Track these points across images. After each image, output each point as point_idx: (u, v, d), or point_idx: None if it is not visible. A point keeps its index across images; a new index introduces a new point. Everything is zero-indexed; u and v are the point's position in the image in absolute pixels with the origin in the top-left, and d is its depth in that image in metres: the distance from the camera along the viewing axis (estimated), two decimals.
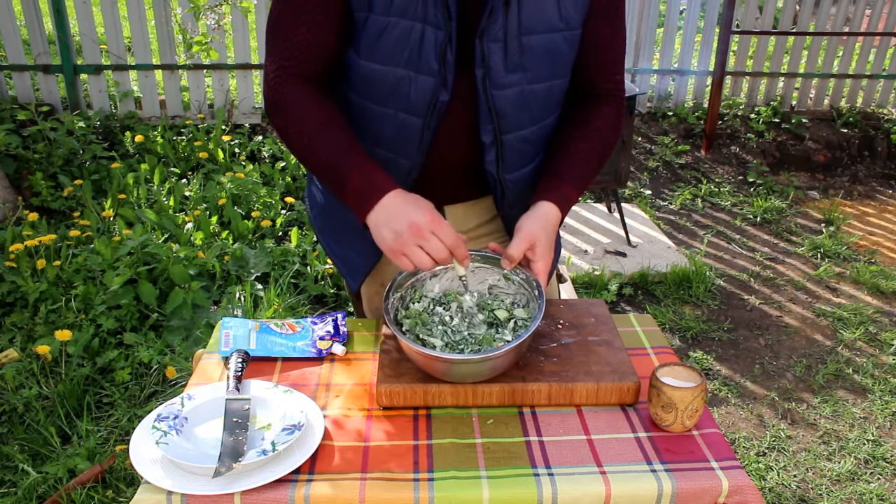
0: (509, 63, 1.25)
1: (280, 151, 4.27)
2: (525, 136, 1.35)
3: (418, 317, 1.32)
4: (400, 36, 1.22)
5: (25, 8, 4.24)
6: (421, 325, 1.31)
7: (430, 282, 1.38)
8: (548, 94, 1.33)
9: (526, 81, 1.28)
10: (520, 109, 1.30)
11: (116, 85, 4.51)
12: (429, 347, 1.24)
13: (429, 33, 1.22)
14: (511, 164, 1.36)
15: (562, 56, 1.30)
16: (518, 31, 1.24)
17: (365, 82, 1.30)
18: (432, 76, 1.24)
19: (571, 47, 1.31)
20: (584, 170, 1.36)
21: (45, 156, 3.85)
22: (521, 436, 1.18)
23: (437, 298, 1.37)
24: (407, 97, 1.27)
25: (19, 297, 2.82)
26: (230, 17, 4.25)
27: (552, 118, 1.39)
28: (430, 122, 1.29)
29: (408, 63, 1.24)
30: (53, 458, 2.24)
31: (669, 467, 1.12)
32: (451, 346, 1.27)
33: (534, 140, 1.37)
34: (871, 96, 5.55)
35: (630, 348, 1.42)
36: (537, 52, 1.26)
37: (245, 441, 1.11)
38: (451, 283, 1.39)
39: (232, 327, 1.41)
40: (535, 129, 1.36)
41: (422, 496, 1.05)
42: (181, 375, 2.55)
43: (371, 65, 1.27)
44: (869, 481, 2.42)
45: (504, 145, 1.33)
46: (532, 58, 1.26)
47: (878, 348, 3.17)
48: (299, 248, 3.35)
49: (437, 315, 1.33)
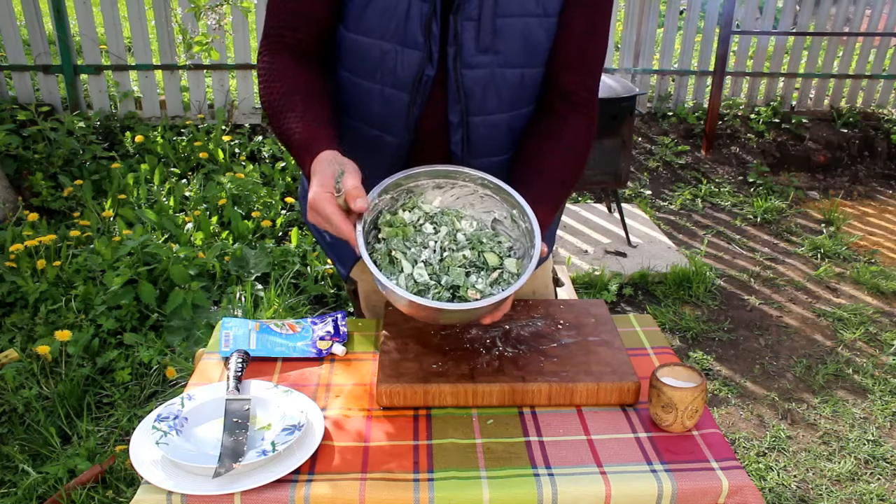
0: (481, 43, 1.23)
1: (280, 152, 4.27)
2: (494, 122, 1.32)
3: (402, 228, 1.23)
4: (386, 8, 1.22)
5: (25, 8, 4.24)
6: (400, 240, 1.22)
7: (431, 192, 1.29)
8: (520, 83, 1.29)
9: (497, 64, 1.25)
10: (489, 92, 1.27)
11: (116, 85, 4.51)
12: (393, 276, 1.18)
13: (414, 5, 1.21)
14: (478, 148, 1.33)
15: (536, 42, 1.27)
16: (493, 12, 1.22)
17: (352, 56, 1.29)
18: (418, 49, 1.23)
19: (547, 35, 1.27)
20: (557, 192, 1.32)
21: (45, 156, 3.85)
22: (521, 436, 1.18)
23: (431, 214, 1.27)
24: (393, 71, 1.26)
25: (19, 297, 2.82)
26: (230, 17, 4.25)
27: (525, 110, 1.35)
28: (417, 98, 1.27)
29: (394, 36, 1.23)
30: (53, 459, 2.24)
31: (669, 467, 1.12)
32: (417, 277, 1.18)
33: (503, 128, 1.34)
34: (871, 96, 5.55)
35: (630, 348, 1.42)
36: (510, 35, 1.24)
37: (245, 441, 1.11)
38: (454, 201, 1.30)
39: (232, 327, 1.41)
40: (506, 118, 1.32)
41: (422, 496, 1.05)
42: (181, 375, 2.55)
43: (358, 37, 1.26)
44: (869, 481, 2.42)
45: (470, 127, 1.30)
46: (505, 40, 1.24)
47: (878, 348, 3.17)
48: (299, 248, 3.35)
49: (422, 234, 1.24)
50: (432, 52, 1.24)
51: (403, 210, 1.26)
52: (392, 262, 1.21)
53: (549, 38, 1.28)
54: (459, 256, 1.22)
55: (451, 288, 1.19)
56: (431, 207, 1.28)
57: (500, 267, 1.22)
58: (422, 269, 1.20)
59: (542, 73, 1.32)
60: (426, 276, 1.20)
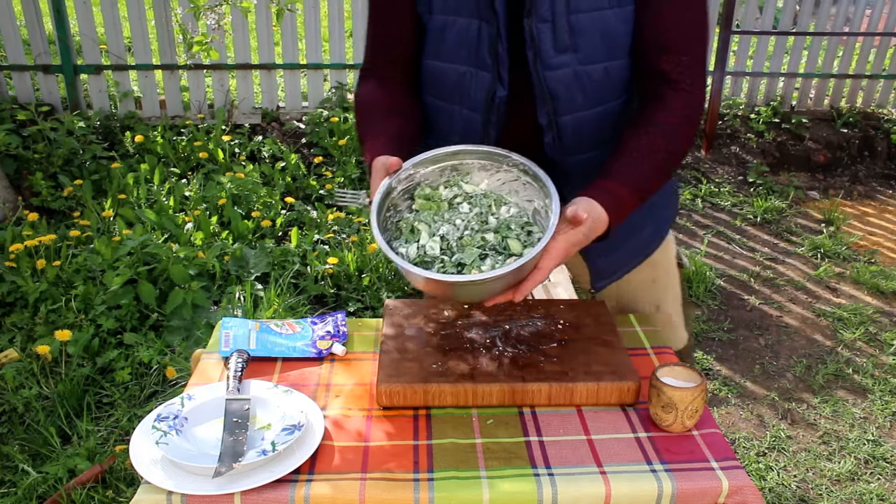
0: (559, 43, 1.22)
1: (280, 151, 4.27)
2: (583, 119, 1.30)
3: (437, 202, 1.25)
4: (459, 33, 1.28)
5: (25, 8, 4.24)
6: (431, 213, 1.24)
7: (477, 173, 1.29)
8: (605, 77, 1.27)
9: (578, 62, 1.24)
10: (574, 91, 1.26)
11: (116, 85, 4.50)
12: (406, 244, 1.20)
13: (483, 29, 1.25)
14: (571, 146, 1.32)
15: (614, 34, 1.24)
16: (566, 10, 1.21)
17: (434, 81, 1.37)
18: (488, 71, 1.27)
19: (625, 24, 1.24)
20: (640, 168, 1.26)
21: (45, 156, 3.85)
22: (521, 436, 1.18)
23: (472, 194, 1.28)
24: (469, 94, 1.31)
25: (19, 297, 2.82)
26: (230, 17, 4.25)
27: (615, 103, 1.32)
28: (490, 118, 1.30)
29: (468, 60, 1.29)
30: (53, 458, 2.23)
31: (669, 467, 1.12)
32: (428, 249, 1.20)
33: (594, 124, 1.31)
34: (871, 96, 5.55)
35: (630, 348, 1.42)
36: (588, 31, 1.23)
37: (245, 441, 1.11)
38: (500, 185, 1.29)
39: (232, 327, 1.41)
40: (596, 113, 1.30)
41: (422, 496, 1.05)
42: (181, 375, 2.54)
43: (436, 63, 1.34)
44: (869, 481, 2.42)
45: (560, 127, 1.29)
46: (583, 37, 1.23)
47: (878, 348, 3.17)
48: (299, 248, 3.35)
49: (456, 212, 1.25)
50: (501, 73, 1.26)
51: (445, 186, 1.27)
52: (413, 231, 1.22)
53: (628, 27, 1.25)
54: (479, 238, 1.21)
55: (459, 265, 1.18)
56: (474, 188, 1.28)
57: (521, 255, 1.19)
58: (435, 243, 1.21)
59: (626, 64, 1.29)
60: (437, 250, 1.20)
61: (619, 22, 1.24)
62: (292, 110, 4.72)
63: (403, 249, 1.20)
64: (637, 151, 1.26)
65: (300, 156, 4.31)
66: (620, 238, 1.33)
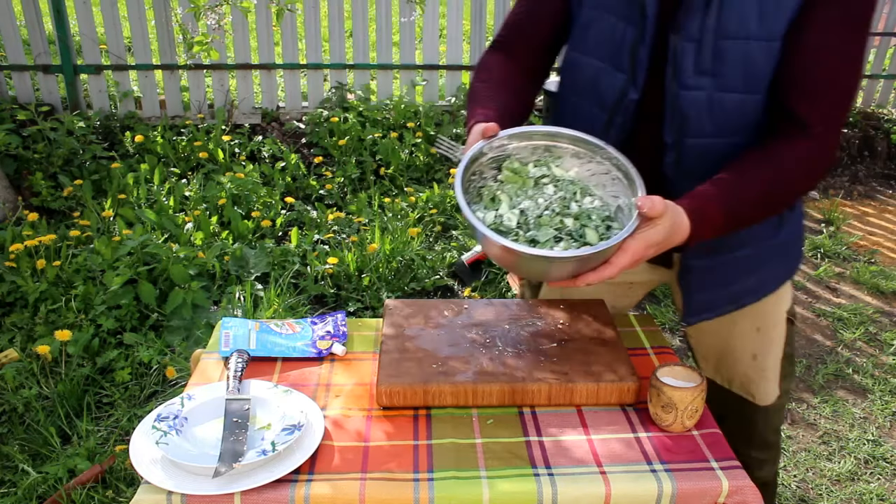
0: (699, 65, 1.21)
1: (280, 151, 4.27)
2: (709, 146, 1.26)
3: (524, 178, 1.25)
4: (604, 30, 1.28)
5: (25, 8, 4.24)
6: (515, 187, 1.24)
7: (569, 159, 1.28)
8: (739, 109, 1.23)
9: (715, 88, 1.22)
10: (705, 115, 1.24)
11: (116, 85, 4.51)
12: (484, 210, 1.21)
13: (628, 32, 1.25)
14: (690, 170, 1.27)
15: (756, 68, 1.20)
16: (714, 33, 1.19)
17: (571, 73, 1.37)
18: (624, 73, 1.27)
19: (768, 61, 1.20)
20: (737, 190, 1.19)
21: (45, 156, 3.85)
22: (521, 436, 1.18)
23: (559, 178, 1.27)
24: (601, 91, 1.31)
25: (19, 297, 2.82)
26: (230, 17, 4.25)
27: (743, 139, 1.26)
28: (615, 119, 1.30)
29: (607, 58, 1.29)
30: (53, 458, 2.24)
31: (669, 467, 1.12)
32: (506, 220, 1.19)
33: (718, 154, 1.26)
34: (871, 96, 5.55)
35: (630, 348, 1.42)
36: (731, 59, 1.20)
37: (245, 441, 1.11)
38: (589, 176, 1.27)
39: (232, 327, 1.41)
40: (722, 144, 1.26)
41: (422, 496, 1.05)
42: (181, 375, 2.55)
43: (576, 55, 1.35)
44: (869, 481, 2.42)
45: (684, 149, 1.26)
46: (725, 64, 1.20)
47: (878, 348, 3.17)
48: (299, 248, 3.35)
49: (540, 192, 1.24)
50: (636, 76, 1.26)
51: (535, 165, 1.27)
52: (493, 200, 1.22)
53: (771, 63, 1.21)
54: (557, 220, 1.20)
55: (532, 241, 1.16)
56: (563, 173, 1.27)
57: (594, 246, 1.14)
58: (514, 215, 1.20)
59: (763, 101, 1.24)
60: (514, 223, 1.19)
61: (764, 55, 1.20)
62: (292, 110, 4.72)
63: (481, 214, 1.20)
64: (740, 174, 1.21)
65: (300, 156, 4.31)
66: (725, 278, 1.37)
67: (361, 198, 3.91)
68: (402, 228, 3.54)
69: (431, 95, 4.88)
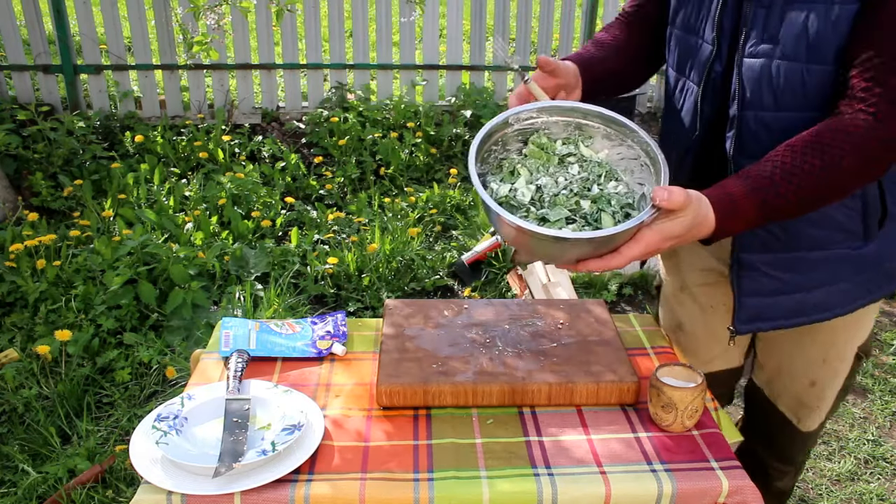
0: (766, 32, 1.15)
1: (280, 151, 4.27)
2: (766, 121, 1.18)
3: (549, 154, 1.21)
4: (697, 2, 1.26)
5: (25, 8, 4.23)
6: (538, 162, 1.19)
7: (600, 140, 1.23)
8: (800, 81, 1.14)
9: (776, 56, 1.14)
10: (763, 86, 1.16)
11: (116, 85, 4.50)
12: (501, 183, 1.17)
13: (713, 2, 1.22)
14: (746, 146, 1.20)
15: (817, 34, 1.11)
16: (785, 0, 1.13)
17: (672, 49, 1.35)
18: (710, 44, 1.24)
19: (833, 28, 1.09)
20: (773, 179, 1.09)
21: (45, 156, 3.85)
22: (521, 436, 1.18)
23: (586, 158, 1.22)
24: (693, 65, 1.28)
25: (19, 297, 2.82)
26: (230, 17, 4.24)
27: (805, 114, 1.15)
28: (707, 92, 1.26)
29: (699, 30, 1.26)
30: (53, 458, 2.23)
31: (669, 467, 1.12)
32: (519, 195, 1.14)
33: (776, 130, 1.17)
34: None
35: (630, 348, 1.42)
36: (792, 24, 1.12)
37: (245, 441, 1.11)
38: (619, 160, 1.21)
39: (232, 327, 1.41)
40: (781, 118, 1.17)
41: (422, 496, 1.05)
42: (181, 375, 2.54)
43: (674, 30, 1.33)
44: (869, 481, 2.42)
45: (743, 123, 1.20)
46: (787, 30, 1.13)
47: (878, 348, 3.17)
48: (299, 248, 3.35)
49: (562, 170, 1.19)
50: (721, 47, 1.22)
51: (563, 143, 1.23)
52: (513, 173, 1.18)
53: (837, 31, 1.10)
54: (573, 201, 1.14)
55: (542, 220, 1.11)
56: (592, 154, 1.22)
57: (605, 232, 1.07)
58: (529, 190, 1.15)
59: (830, 73, 1.12)
60: (527, 198, 1.14)
61: (825, 21, 1.10)
62: (292, 110, 4.72)
63: (495, 186, 1.16)
64: (784, 159, 1.10)
65: (300, 156, 4.31)
66: (785, 282, 1.25)
67: (361, 198, 3.91)
68: (402, 228, 3.54)
69: (431, 95, 4.88)
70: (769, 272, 1.27)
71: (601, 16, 5.02)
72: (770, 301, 1.28)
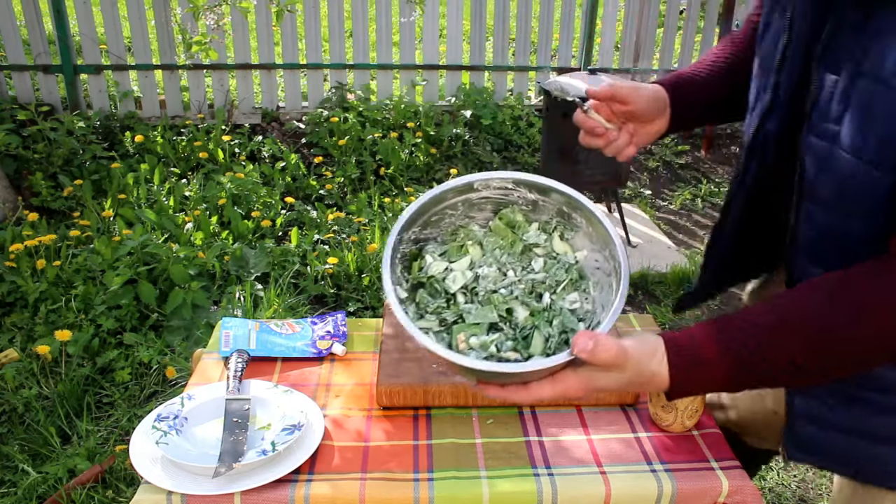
0: (835, 106, 0.88)
1: (280, 151, 4.27)
2: (828, 220, 0.92)
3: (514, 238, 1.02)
4: (774, 33, 1.04)
5: (25, 8, 4.24)
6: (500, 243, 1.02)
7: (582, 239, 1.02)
8: (851, 176, 0.87)
9: (836, 140, 0.88)
10: (823, 175, 0.91)
11: (116, 85, 4.51)
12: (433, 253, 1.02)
13: (781, 39, 1.01)
14: (803, 249, 0.96)
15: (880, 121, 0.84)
16: (856, 71, 0.85)
17: None
18: (766, 92, 1.04)
19: None
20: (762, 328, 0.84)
21: (45, 156, 3.85)
22: (521, 436, 1.18)
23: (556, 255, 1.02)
24: (751, 111, 1.09)
25: (19, 297, 2.82)
26: (230, 17, 4.25)
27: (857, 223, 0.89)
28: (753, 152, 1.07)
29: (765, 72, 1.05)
30: (53, 458, 2.24)
31: (669, 467, 1.12)
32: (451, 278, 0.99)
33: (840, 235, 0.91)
34: None
35: None
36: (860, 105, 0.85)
37: (245, 441, 1.11)
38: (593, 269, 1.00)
39: (232, 327, 1.41)
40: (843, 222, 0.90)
41: (422, 496, 1.05)
42: (181, 375, 2.55)
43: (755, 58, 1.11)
44: None
45: (800, 217, 0.95)
46: (852, 110, 0.86)
47: None
48: (299, 248, 3.35)
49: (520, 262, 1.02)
50: (779, 82, 1.00)
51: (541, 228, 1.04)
52: (461, 248, 1.02)
53: None
54: (504, 307, 0.96)
55: (458, 318, 0.96)
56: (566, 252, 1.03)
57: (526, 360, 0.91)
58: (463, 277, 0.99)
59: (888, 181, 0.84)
60: (457, 285, 0.98)
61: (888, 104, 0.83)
62: (292, 110, 4.72)
63: (430, 259, 1.01)
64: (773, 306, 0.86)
65: (300, 156, 4.31)
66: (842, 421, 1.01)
67: (361, 198, 3.91)
68: None
69: (431, 95, 4.88)
70: (826, 400, 1.02)
71: (601, 16, 5.02)
72: (823, 436, 1.04)
